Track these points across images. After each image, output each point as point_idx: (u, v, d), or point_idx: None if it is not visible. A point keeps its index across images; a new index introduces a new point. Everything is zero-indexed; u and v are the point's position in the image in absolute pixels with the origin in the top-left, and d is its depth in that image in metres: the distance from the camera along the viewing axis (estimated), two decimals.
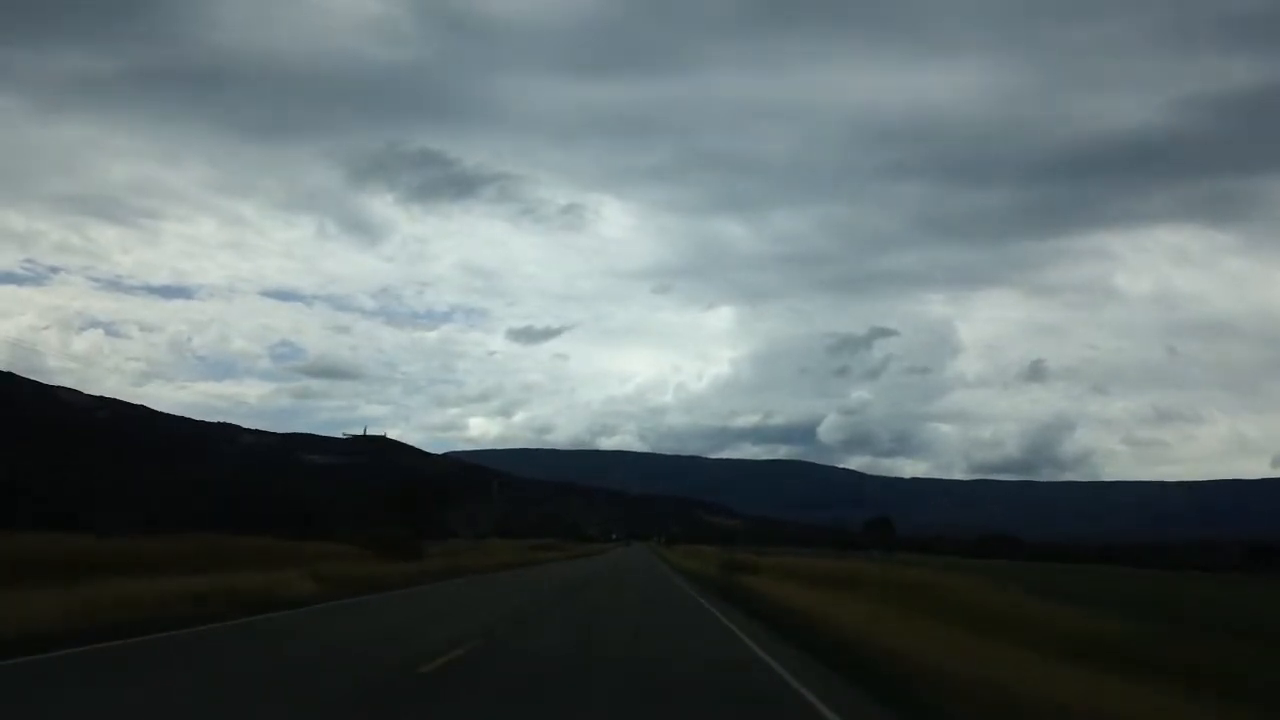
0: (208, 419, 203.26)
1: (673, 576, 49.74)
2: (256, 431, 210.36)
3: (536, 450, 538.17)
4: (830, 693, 11.43)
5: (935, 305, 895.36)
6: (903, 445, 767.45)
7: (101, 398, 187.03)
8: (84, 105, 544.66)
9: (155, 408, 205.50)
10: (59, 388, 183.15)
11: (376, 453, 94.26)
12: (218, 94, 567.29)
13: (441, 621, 20.23)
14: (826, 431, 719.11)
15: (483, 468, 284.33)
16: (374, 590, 28.21)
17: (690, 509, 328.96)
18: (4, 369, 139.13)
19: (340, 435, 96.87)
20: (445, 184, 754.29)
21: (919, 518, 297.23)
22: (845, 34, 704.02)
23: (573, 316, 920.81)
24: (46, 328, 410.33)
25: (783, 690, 11.79)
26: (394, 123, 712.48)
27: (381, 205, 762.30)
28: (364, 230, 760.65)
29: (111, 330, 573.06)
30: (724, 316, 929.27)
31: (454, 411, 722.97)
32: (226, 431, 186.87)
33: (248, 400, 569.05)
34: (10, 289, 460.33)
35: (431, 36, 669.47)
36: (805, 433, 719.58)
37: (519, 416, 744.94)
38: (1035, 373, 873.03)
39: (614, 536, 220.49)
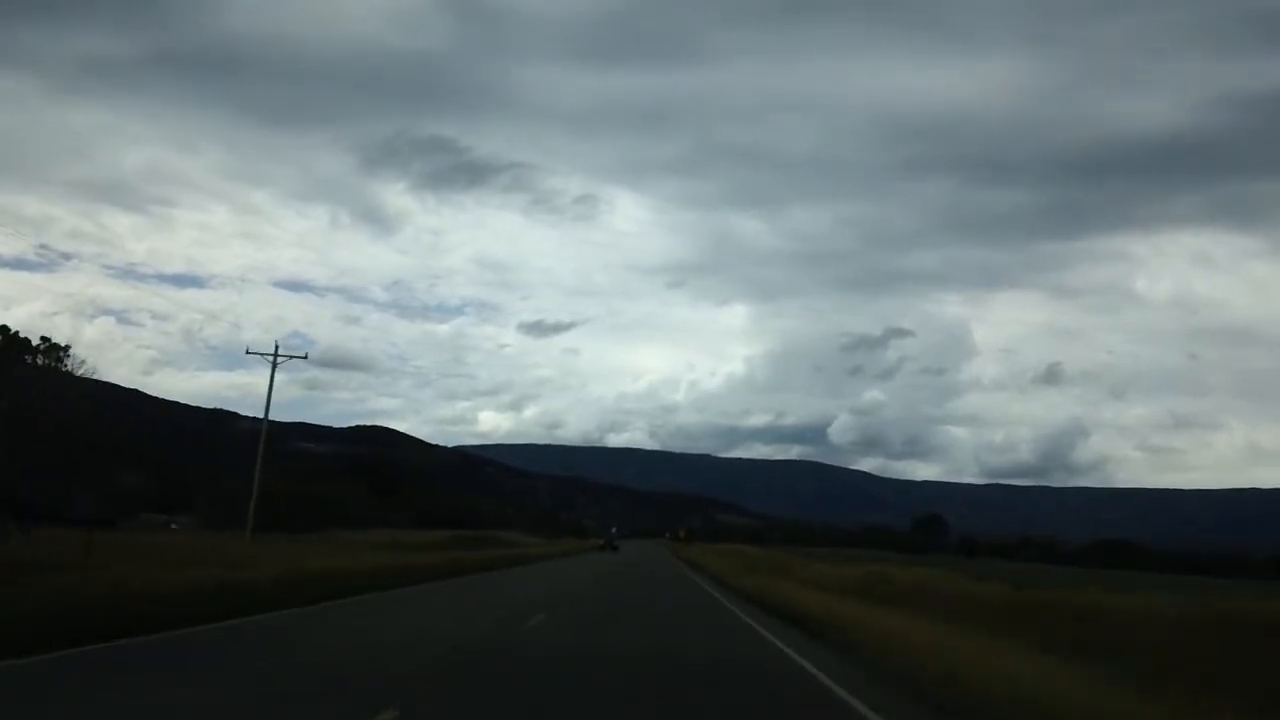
0: (204, 404, 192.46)
1: None
2: (254, 419, 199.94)
3: (545, 446, 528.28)
4: None
5: (952, 306, 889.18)
6: (915, 448, 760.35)
7: (96, 381, 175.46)
8: (98, 90, 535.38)
9: (153, 394, 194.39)
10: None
11: (372, 442, 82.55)
12: (233, 79, 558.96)
13: None
14: (838, 432, 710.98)
15: (489, 461, 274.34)
16: None
17: (700, 507, 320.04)
18: None
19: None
20: (457, 172, 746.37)
21: None
22: (867, 26, 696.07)
23: (585, 311, 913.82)
24: (57, 314, 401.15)
25: None
26: (406, 109, 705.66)
27: (394, 195, 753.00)
28: (377, 221, 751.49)
29: (123, 318, 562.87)
30: (738, 314, 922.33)
31: (464, 405, 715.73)
32: (222, 418, 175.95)
33: (258, 390, 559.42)
34: (23, 275, 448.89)
35: (445, 23, 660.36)
36: (817, 433, 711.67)
37: (529, 411, 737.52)
38: (1051, 376, 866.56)
39: (613, 530, 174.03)
